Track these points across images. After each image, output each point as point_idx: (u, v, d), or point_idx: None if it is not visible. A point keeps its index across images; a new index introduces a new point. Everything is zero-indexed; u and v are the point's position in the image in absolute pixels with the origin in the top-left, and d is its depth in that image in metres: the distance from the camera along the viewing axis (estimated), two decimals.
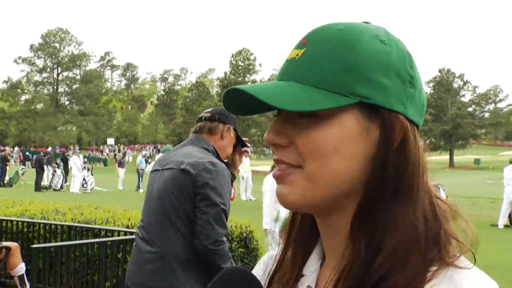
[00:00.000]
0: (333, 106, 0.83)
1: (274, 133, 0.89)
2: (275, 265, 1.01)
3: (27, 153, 64.87)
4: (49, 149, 35.50)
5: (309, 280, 0.95)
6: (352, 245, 0.85)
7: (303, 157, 0.86)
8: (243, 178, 24.63)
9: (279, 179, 0.89)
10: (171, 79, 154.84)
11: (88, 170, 30.83)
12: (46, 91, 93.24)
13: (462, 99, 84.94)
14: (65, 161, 32.80)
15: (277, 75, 0.93)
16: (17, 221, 7.97)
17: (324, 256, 0.96)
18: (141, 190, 29.61)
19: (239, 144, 3.68)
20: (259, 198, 24.05)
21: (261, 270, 1.06)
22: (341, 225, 0.89)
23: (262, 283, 0.95)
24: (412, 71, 0.90)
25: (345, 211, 0.88)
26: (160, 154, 21.38)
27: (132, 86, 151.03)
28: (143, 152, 29.85)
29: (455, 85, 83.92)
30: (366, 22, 0.94)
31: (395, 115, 0.86)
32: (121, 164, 33.06)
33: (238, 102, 0.91)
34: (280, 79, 0.90)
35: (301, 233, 0.99)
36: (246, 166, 24.24)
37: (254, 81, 68.26)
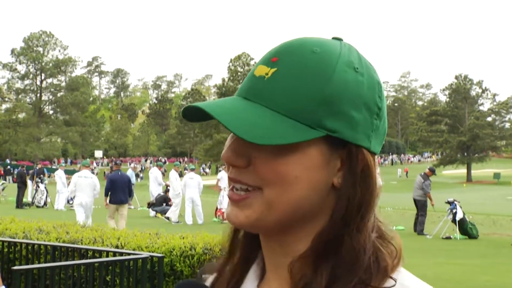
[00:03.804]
0: (301, 140, 0.87)
1: (233, 152, 0.91)
2: (214, 278, 1.06)
3: (8, 166, 64.97)
4: (39, 166, 35.32)
5: None
6: (312, 271, 0.90)
7: (263, 182, 0.89)
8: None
9: (235, 202, 0.92)
10: (164, 86, 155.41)
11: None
12: (28, 100, 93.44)
13: (481, 108, 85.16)
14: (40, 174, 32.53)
15: (240, 88, 0.96)
16: None
17: (262, 276, 1.00)
18: (131, 207, 29.59)
19: None
20: None
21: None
22: (293, 247, 0.94)
23: None
24: (380, 102, 0.94)
25: (299, 234, 0.93)
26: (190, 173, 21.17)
27: (122, 94, 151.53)
28: (132, 165, 29.71)
29: (473, 93, 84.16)
30: (336, 38, 0.97)
31: (360, 149, 0.91)
32: None
33: (197, 115, 0.96)
34: (245, 96, 0.93)
35: (243, 247, 1.03)
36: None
37: None
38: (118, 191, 16.56)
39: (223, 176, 25.34)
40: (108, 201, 16.72)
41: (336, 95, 0.89)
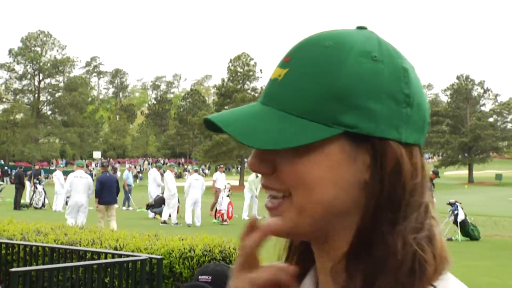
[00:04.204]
0: (314, 140, 0.85)
1: (257, 159, 0.90)
2: None
3: (5, 167, 64.99)
4: (37, 167, 35.32)
5: None
6: (347, 274, 0.88)
7: (289, 186, 0.88)
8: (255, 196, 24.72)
9: (269, 210, 0.92)
10: (163, 86, 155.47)
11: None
12: (26, 100, 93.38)
13: (482, 108, 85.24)
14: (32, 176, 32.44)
15: (261, 94, 0.95)
16: None
17: (318, 282, 0.98)
18: (130, 208, 29.62)
19: None
20: (264, 218, 24.06)
21: None
22: (335, 250, 0.91)
23: None
24: (408, 88, 0.89)
25: (338, 239, 0.91)
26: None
27: (120, 94, 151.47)
28: (128, 165, 29.88)
29: (475, 93, 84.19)
30: (360, 27, 0.94)
31: (386, 142, 0.87)
32: None
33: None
34: (262, 102, 0.92)
35: (299, 254, 1.01)
36: (256, 182, 24.36)
37: (254, 89, 68.29)
38: (106, 192, 17.21)
39: (218, 177, 25.39)
40: (97, 202, 17.31)
41: (349, 88, 0.86)
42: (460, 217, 17.95)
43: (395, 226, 0.87)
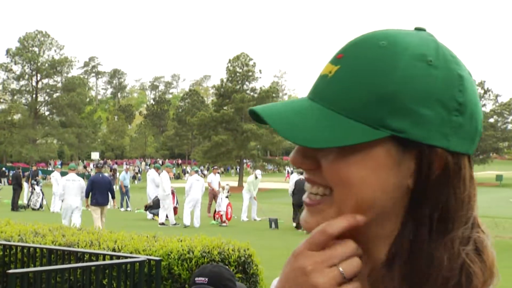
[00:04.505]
0: (360, 142, 0.84)
1: (300, 155, 0.90)
2: None
3: (3, 168, 64.96)
4: (34, 168, 35.27)
5: None
6: (387, 282, 0.87)
7: (330, 183, 0.88)
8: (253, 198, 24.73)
9: (307, 206, 0.91)
10: (162, 87, 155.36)
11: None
12: (24, 100, 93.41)
13: (483, 109, 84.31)
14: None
15: (310, 89, 0.94)
16: None
17: None
18: (129, 209, 29.60)
19: None
20: (264, 219, 24.06)
21: None
22: (372, 255, 0.90)
23: None
24: (462, 97, 0.87)
25: (376, 241, 0.90)
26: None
27: (119, 94, 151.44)
28: (125, 166, 29.96)
29: None
30: (418, 29, 0.93)
31: (434, 149, 0.86)
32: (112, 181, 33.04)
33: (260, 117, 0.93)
34: (310, 97, 0.91)
35: None
36: (255, 183, 24.37)
37: (253, 89, 68.28)
38: (99, 193, 17.53)
39: (212, 179, 25.43)
40: (89, 203, 17.63)
41: (400, 91, 0.85)
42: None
43: (441, 236, 0.86)
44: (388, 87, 0.85)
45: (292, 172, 24.20)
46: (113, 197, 18.60)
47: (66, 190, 17.74)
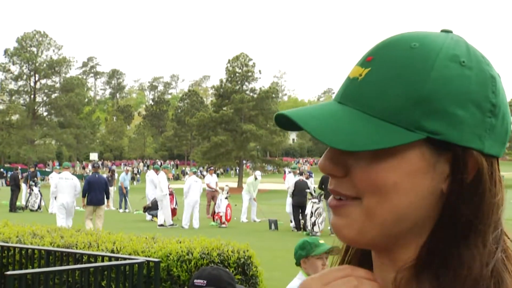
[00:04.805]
0: (395, 145, 0.83)
1: (330, 161, 0.88)
2: None
3: (1, 169, 64.93)
4: (32, 169, 35.31)
5: None
6: (412, 284, 0.85)
7: (362, 191, 0.86)
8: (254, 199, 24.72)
9: (335, 209, 0.89)
10: (160, 87, 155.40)
11: None
12: (22, 101, 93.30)
13: None
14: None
15: (337, 92, 0.92)
16: None
17: None
18: (127, 210, 29.60)
19: None
20: (263, 221, 24.04)
21: None
22: (400, 261, 0.88)
23: None
24: (495, 98, 0.87)
25: (406, 248, 0.88)
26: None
27: (117, 95, 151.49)
28: (126, 168, 30.02)
29: None
30: (446, 31, 0.92)
31: (469, 151, 0.85)
32: (109, 181, 33.03)
33: (289, 121, 0.90)
34: (339, 101, 0.90)
35: (351, 261, 1.00)
36: (255, 185, 24.36)
37: (253, 90, 68.23)
38: (95, 192, 17.69)
39: (210, 180, 25.43)
40: (85, 202, 17.88)
41: (435, 92, 0.84)
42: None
43: (473, 241, 0.84)
44: (423, 88, 0.84)
45: (289, 172, 24.06)
46: (107, 198, 18.74)
47: (59, 188, 17.94)
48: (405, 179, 0.84)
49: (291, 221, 21.57)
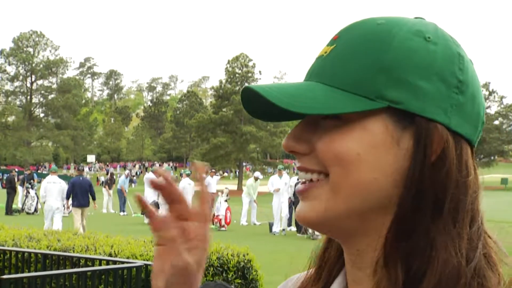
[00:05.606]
0: (354, 111, 0.83)
1: (294, 139, 0.89)
2: None
3: None
4: (28, 171, 35.32)
5: None
6: (386, 277, 0.83)
7: (326, 164, 0.86)
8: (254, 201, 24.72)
9: (302, 194, 0.89)
10: (159, 88, 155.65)
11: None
12: (18, 102, 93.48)
13: (488, 110, 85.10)
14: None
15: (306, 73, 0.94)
16: None
17: None
18: (125, 213, 29.61)
19: None
20: (264, 223, 24.04)
21: None
22: (369, 252, 0.87)
23: None
24: (462, 75, 0.86)
25: (373, 234, 0.86)
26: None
27: (115, 96, 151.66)
28: (126, 172, 30.06)
29: None
30: (418, 18, 0.92)
31: (433, 124, 0.84)
32: (108, 185, 33.02)
33: (256, 104, 0.92)
34: (306, 79, 0.91)
35: (327, 261, 0.99)
36: (254, 187, 24.35)
37: None
38: (79, 195, 18.14)
39: (209, 182, 25.42)
40: (70, 205, 18.39)
41: (397, 61, 0.84)
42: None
43: (443, 228, 0.82)
44: (385, 58, 0.84)
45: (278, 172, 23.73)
46: (93, 199, 19.07)
47: (47, 192, 18.51)
48: (368, 151, 0.83)
49: (273, 223, 21.66)
